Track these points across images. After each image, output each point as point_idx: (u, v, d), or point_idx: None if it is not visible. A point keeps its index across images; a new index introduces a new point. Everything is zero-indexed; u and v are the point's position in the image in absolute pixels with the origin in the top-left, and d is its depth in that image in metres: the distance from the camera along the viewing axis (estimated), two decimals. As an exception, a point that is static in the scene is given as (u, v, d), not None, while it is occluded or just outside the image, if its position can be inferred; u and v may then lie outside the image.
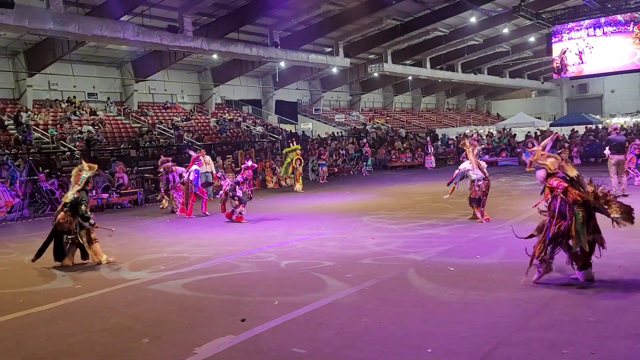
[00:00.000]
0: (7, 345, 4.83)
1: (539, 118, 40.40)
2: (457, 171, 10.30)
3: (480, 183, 9.90)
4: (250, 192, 12.00)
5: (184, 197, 12.96)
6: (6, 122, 21.12)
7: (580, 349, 4.18)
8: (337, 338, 4.62)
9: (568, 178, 5.82)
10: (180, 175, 13.13)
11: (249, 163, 12.05)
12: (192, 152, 13.96)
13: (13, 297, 6.44)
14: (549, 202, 5.89)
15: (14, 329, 5.26)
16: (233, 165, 19.77)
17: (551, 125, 34.61)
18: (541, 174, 6.06)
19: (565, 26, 29.72)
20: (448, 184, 10.40)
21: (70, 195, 8.08)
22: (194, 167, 12.90)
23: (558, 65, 30.57)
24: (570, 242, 5.67)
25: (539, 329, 4.60)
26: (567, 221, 5.64)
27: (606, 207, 5.69)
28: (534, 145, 6.86)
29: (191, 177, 12.71)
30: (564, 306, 5.17)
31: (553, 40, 30.31)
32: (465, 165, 10.16)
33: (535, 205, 6.25)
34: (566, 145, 23.73)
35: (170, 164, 13.62)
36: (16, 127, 20.65)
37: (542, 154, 6.23)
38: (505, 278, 6.19)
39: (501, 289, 5.78)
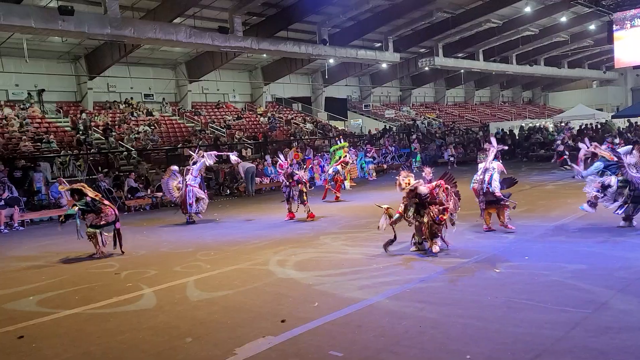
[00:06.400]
0: (63, 341, 5.10)
1: (601, 110, 38.60)
2: None
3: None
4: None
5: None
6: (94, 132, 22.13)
7: (631, 358, 4.00)
8: (376, 341, 4.62)
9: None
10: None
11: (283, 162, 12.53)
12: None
13: (72, 294, 6.81)
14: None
15: (70, 326, 5.56)
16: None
17: (613, 117, 32.98)
18: (422, 189, 7.80)
19: (627, 13, 28.22)
20: None
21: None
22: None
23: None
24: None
25: (586, 337, 4.43)
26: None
27: None
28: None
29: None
30: (615, 312, 4.95)
31: (614, 29, 28.87)
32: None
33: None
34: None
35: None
36: (105, 137, 21.40)
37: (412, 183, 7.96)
38: (553, 281, 6.00)
39: (548, 293, 5.60)
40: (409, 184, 7.84)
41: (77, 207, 8.93)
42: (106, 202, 9.57)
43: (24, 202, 14.75)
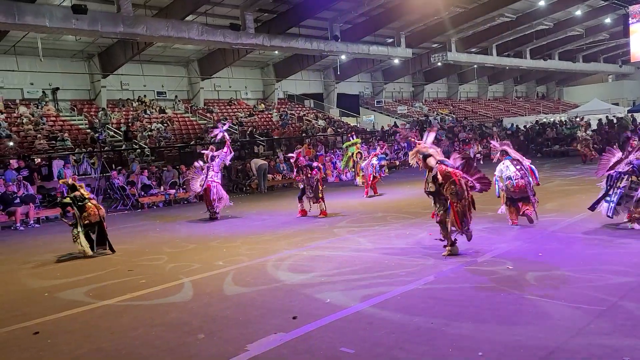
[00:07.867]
0: (77, 337, 5.16)
1: (616, 104, 38.08)
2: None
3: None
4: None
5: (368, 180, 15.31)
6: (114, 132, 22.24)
7: (645, 356, 3.95)
8: (387, 338, 4.60)
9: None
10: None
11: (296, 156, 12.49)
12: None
13: (87, 291, 6.89)
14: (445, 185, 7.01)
15: (85, 322, 5.62)
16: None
17: (629, 111, 32.54)
18: (432, 161, 7.21)
19: (644, 6, 27.85)
20: None
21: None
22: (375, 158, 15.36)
23: None
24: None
25: (600, 334, 4.37)
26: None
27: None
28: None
29: (374, 162, 15.30)
30: (629, 309, 4.88)
31: (630, 22, 28.49)
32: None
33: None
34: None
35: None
36: (125, 139, 21.52)
37: (424, 146, 7.49)
38: (567, 278, 5.94)
39: (562, 289, 5.54)
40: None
41: (69, 198, 9.41)
42: (94, 201, 9.68)
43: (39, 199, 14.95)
